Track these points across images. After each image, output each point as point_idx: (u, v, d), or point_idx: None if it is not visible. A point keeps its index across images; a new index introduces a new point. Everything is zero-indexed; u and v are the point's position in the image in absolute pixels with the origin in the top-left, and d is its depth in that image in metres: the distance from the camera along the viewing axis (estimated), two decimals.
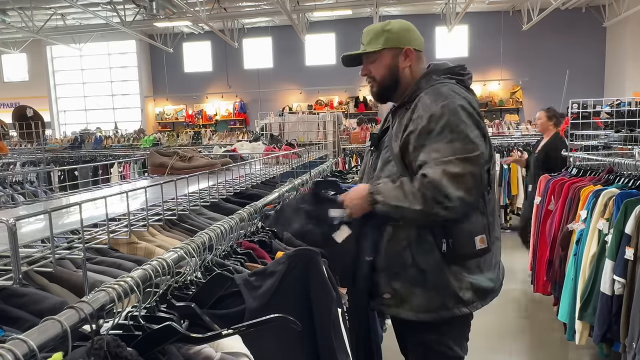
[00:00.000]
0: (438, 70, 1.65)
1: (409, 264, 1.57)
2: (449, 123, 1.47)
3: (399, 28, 1.65)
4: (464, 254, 1.55)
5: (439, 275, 1.55)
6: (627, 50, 12.71)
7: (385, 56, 1.65)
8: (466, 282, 1.56)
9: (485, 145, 1.52)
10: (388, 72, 1.66)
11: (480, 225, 1.56)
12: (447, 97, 1.51)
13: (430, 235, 1.54)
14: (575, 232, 2.90)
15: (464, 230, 1.54)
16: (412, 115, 1.55)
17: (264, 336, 0.95)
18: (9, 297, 0.89)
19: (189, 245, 1.00)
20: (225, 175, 1.82)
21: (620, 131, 4.75)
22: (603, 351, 2.65)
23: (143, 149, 8.45)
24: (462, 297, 1.56)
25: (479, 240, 1.55)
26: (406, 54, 1.64)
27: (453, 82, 1.61)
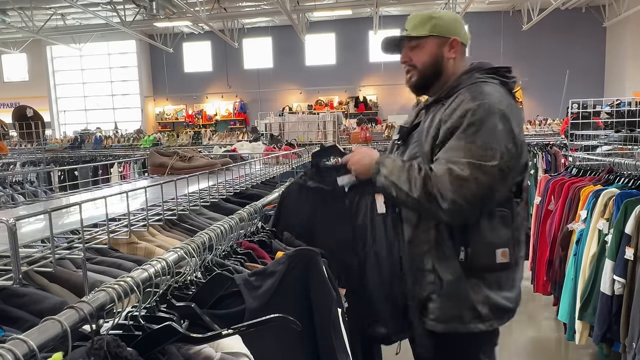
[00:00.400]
0: (482, 69, 1.55)
1: (428, 269, 1.48)
2: (477, 123, 1.37)
3: (448, 17, 1.58)
4: (482, 265, 1.44)
5: (457, 284, 1.45)
6: (627, 50, 12.71)
7: (430, 43, 1.55)
8: (483, 295, 1.46)
9: (512, 156, 1.39)
10: (432, 61, 1.56)
11: (504, 237, 1.45)
12: (486, 97, 1.41)
13: (449, 240, 1.46)
14: (575, 232, 2.90)
15: (484, 240, 1.43)
16: (446, 111, 1.45)
17: (264, 336, 0.95)
18: (9, 297, 0.89)
19: (189, 245, 1.00)
20: (225, 175, 1.82)
21: (620, 131, 4.75)
22: (603, 351, 2.65)
23: (143, 149, 8.45)
24: (480, 311, 1.46)
25: (500, 254, 1.44)
26: (452, 44, 1.55)
27: (496, 82, 1.51)
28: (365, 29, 14.36)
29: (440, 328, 1.49)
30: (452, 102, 1.46)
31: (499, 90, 1.47)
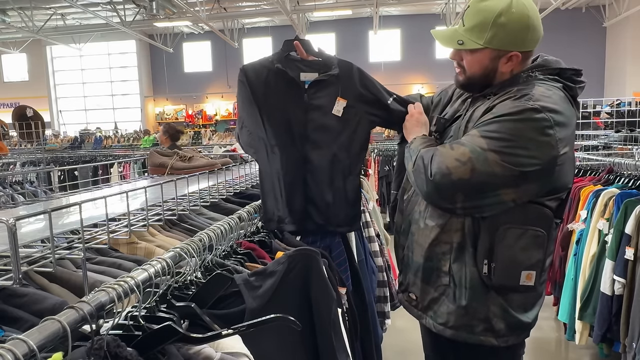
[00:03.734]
0: (546, 68, 1.37)
1: (444, 271, 1.40)
2: (505, 121, 1.24)
3: (516, 24, 1.30)
4: (505, 284, 1.34)
5: (475, 293, 1.36)
6: (627, 50, 12.72)
7: (485, 55, 1.35)
8: (505, 312, 1.36)
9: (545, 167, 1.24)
10: (482, 72, 1.39)
11: (534, 260, 1.32)
12: (535, 99, 1.25)
13: (471, 248, 1.35)
14: (575, 232, 2.90)
15: (509, 259, 1.31)
16: (486, 108, 1.33)
17: (264, 336, 0.95)
18: (9, 297, 0.89)
19: (189, 245, 1.00)
20: (225, 175, 1.82)
21: (620, 131, 4.75)
22: (603, 351, 2.65)
23: (143, 149, 8.46)
24: (493, 325, 1.36)
25: (525, 276, 1.33)
26: (510, 58, 1.34)
27: (559, 86, 1.33)
28: (365, 29, 14.37)
29: (448, 333, 1.42)
30: (497, 99, 1.33)
31: (558, 94, 1.30)
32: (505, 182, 1.24)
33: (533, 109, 1.22)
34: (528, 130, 1.22)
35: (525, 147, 1.22)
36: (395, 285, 2.14)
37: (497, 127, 1.24)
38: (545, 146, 1.22)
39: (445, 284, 1.40)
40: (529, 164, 1.22)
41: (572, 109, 1.32)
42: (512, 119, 1.23)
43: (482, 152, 1.23)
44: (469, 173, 1.24)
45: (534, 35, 1.34)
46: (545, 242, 1.33)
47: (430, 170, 1.30)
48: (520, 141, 1.22)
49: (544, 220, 1.32)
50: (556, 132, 1.23)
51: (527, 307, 1.39)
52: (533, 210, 1.30)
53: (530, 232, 1.31)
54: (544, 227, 1.32)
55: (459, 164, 1.25)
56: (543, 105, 1.23)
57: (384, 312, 2.27)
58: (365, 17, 13.97)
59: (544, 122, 1.22)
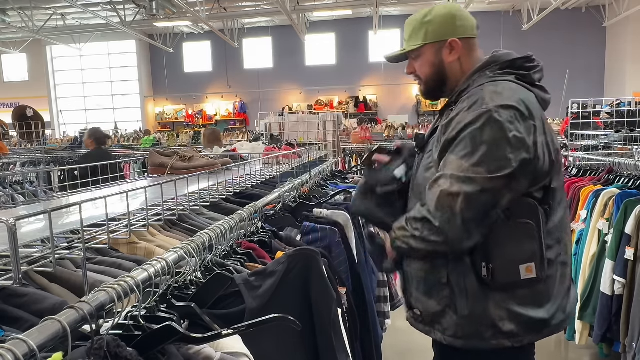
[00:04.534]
0: (495, 64, 1.40)
1: (443, 283, 1.39)
2: (471, 134, 1.26)
3: (441, 17, 1.43)
4: (506, 282, 1.33)
5: (475, 301, 1.35)
6: (627, 50, 12.71)
7: (427, 52, 1.44)
8: (511, 312, 1.34)
9: (515, 165, 1.24)
10: (433, 70, 1.45)
11: (528, 251, 1.32)
12: (486, 103, 1.27)
13: (468, 258, 1.35)
14: (575, 232, 2.90)
15: (504, 256, 1.31)
16: (449, 120, 1.35)
17: (264, 336, 0.95)
18: (9, 297, 0.89)
19: (189, 245, 1.00)
20: (225, 175, 1.82)
21: (620, 131, 4.75)
22: (603, 351, 2.65)
23: (143, 149, 8.46)
24: (501, 327, 1.34)
25: (525, 269, 1.32)
26: (451, 46, 1.42)
27: (512, 78, 1.36)
28: (365, 29, 14.37)
29: (459, 344, 1.41)
30: (455, 109, 1.36)
31: (510, 87, 1.32)
32: (496, 192, 1.25)
33: (487, 112, 1.25)
34: (491, 133, 1.24)
35: (500, 149, 1.23)
36: (395, 285, 2.14)
37: (466, 143, 1.26)
38: (515, 142, 1.24)
39: (446, 296, 1.39)
40: (509, 164, 1.23)
41: (528, 94, 1.33)
42: (473, 130, 1.25)
43: (465, 174, 1.24)
44: (465, 203, 1.24)
45: (463, 22, 1.44)
46: (536, 232, 1.32)
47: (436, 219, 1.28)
48: (491, 145, 1.23)
49: (529, 210, 1.32)
50: (518, 126, 1.24)
51: (539, 302, 1.36)
52: (517, 204, 1.30)
53: (519, 225, 1.31)
54: (530, 217, 1.31)
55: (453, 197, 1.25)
56: (495, 105, 1.25)
57: (384, 312, 2.27)
58: (365, 17, 13.97)
59: (501, 120, 1.24)
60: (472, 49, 1.45)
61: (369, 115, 12.93)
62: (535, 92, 1.37)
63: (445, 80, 1.46)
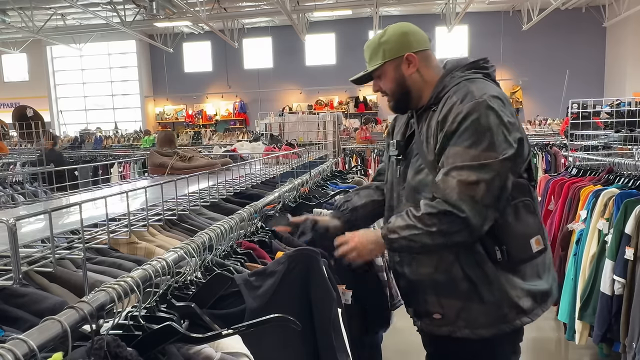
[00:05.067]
0: (461, 66, 1.53)
1: (459, 278, 1.46)
2: (473, 124, 1.35)
3: (395, 35, 1.54)
4: (522, 259, 1.44)
5: (495, 286, 1.44)
6: (627, 50, 12.71)
7: (388, 69, 1.55)
8: (524, 289, 1.46)
9: (515, 146, 1.37)
10: (396, 84, 1.56)
11: (534, 225, 1.46)
12: (476, 95, 1.39)
13: (480, 246, 1.43)
14: (575, 232, 2.90)
15: (518, 234, 1.43)
16: (440, 117, 1.43)
17: (264, 336, 0.95)
18: (9, 297, 0.89)
19: (189, 245, 1.00)
20: (225, 175, 1.82)
21: (620, 131, 4.75)
22: (603, 351, 2.65)
23: (143, 149, 8.46)
24: (522, 306, 1.45)
25: (534, 242, 1.44)
26: (408, 60, 1.53)
27: (480, 76, 1.50)
28: (365, 29, 14.36)
29: (488, 333, 1.48)
30: (442, 107, 1.45)
31: (485, 83, 1.47)
32: (507, 173, 1.36)
33: (482, 102, 1.37)
34: (492, 119, 1.35)
35: (501, 133, 1.35)
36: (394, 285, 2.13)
37: (470, 132, 1.36)
38: (510, 126, 1.38)
39: (466, 289, 1.46)
40: (511, 145, 1.36)
41: (499, 89, 1.49)
42: (473, 119, 1.36)
43: (478, 161, 1.33)
44: (487, 189, 1.33)
45: (416, 37, 1.56)
46: (533, 207, 1.47)
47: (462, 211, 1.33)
48: (494, 131, 1.35)
49: (524, 189, 1.46)
50: (506, 111, 1.39)
51: (539, 275, 1.49)
52: (514, 185, 1.41)
53: (520, 204, 1.44)
54: (527, 194, 1.46)
55: (473, 185, 1.33)
56: (486, 96, 1.38)
57: None
58: (365, 17, 13.96)
59: (495, 108, 1.37)
60: (429, 59, 1.57)
61: (369, 115, 12.93)
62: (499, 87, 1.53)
63: (409, 92, 1.56)
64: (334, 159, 4.10)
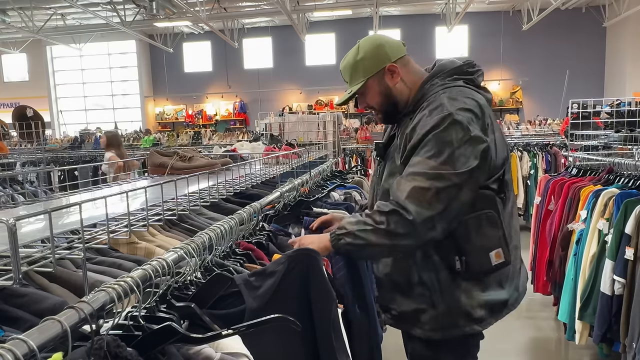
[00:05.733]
0: (443, 72, 1.51)
1: (415, 282, 1.50)
2: (435, 137, 1.36)
3: (370, 50, 1.53)
4: (480, 270, 1.45)
5: (448, 294, 1.47)
6: (627, 50, 12.71)
7: (372, 85, 1.55)
8: (480, 299, 1.47)
9: (477, 161, 1.35)
10: (382, 97, 1.56)
11: (495, 238, 1.44)
12: (446, 108, 1.38)
13: (436, 255, 1.45)
14: (575, 232, 2.90)
15: (477, 246, 1.43)
16: (409, 128, 1.45)
17: (264, 336, 0.95)
18: (9, 297, 0.89)
19: (189, 245, 1.00)
20: (225, 175, 1.82)
21: (620, 131, 4.75)
22: (603, 351, 2.65)
23: (143, 149, 8.46)
24: (473, 315, 1.47)
25: (494, 255, 1.43)
26: (390, 71, 1.53)
27: (460, 82, 1.49)
28: (365, 29, 14.36)
29: (438, 336, 1.52)
30: (414, 117, 1.46)
31: (463, 91, 1.45)
32: (462, 186, 1.35)
33: (449, 115, 1.36)
34: (454, 133, 1.34)
35: (463, 148, 1.34)
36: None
37: (432, 144, 1.36)
38: (475, 140, 1.35)
39: (420, 293, 1.49)
40: (471, 160, 1.34)
41: (479, 96, 1.46)
42: (438, 132, 1.35)
43: (435, 171, 1.34)
44: (436, 196, 1.33)
45: (390, 45, 1.54)
46: (498, 220, 1.44)
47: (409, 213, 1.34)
48: (455, 145, 1.34)
49: (488, 201, 1.43)
50: (475, 126, 1.37)
51: (500, 285, 1.49)
52: (477, 196, 1.40)
53: (483, 216, 1.42)
54: (491, 207, 1.43)
55: (424, 191, 1.34)
56: (455, 109, 1.37)
57: None
58: (365, 17, 13.96)
59: (462, 123, 1.35)
60: (408, 64, 1.56)
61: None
62: (482, 92, 1.50)
63: (396, 103, 1.56)
64: (334, 159, 4.10)
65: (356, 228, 1.39)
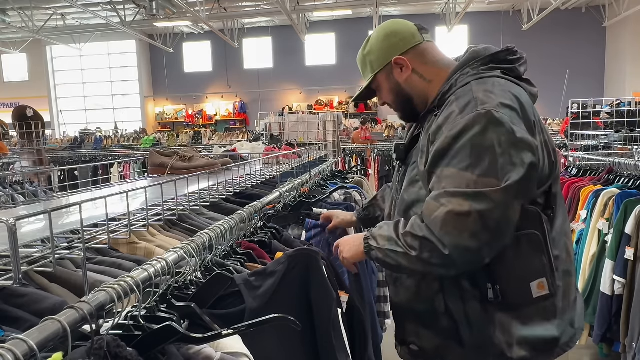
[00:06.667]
0: (477, 60, 1.27)
1: (441, 312, 1.25)
2: (471, 142, 1.11)
3: (377, 43, 1.37)
4: (518, 303, 1.19)
5: (479, 328, 1.21)
6: (627, 50, 12.72)
7: (381, 80, 1.38)
8: (519, 336, 1.20)
9: (524, 170, 1.10)
10: (394, 94, 1.38)
11: (538, 266, 1.17)
12: (480, 104, 1.13)
13: (466, 281, 1.21)
14: (576, 232, 2.90)
15: (513, 274, 1.17)
16: (434, 127, 1.22)
17: (264, 336, 0.95)
18: (9, 297, 0.89)
19: (189, 245, 1.00)
20: (225, 175, 1.81)
21: (620, 131, 4.75)
22: (603, 351, 2.65)
23: (143, 149, 8.46)
24: (510, 354, 1.19)
25: (536, 286, 1.17)
26: (398, 64, 1.34)
27: (497, 73, 1.24)
28: (365, 29, 14.36)
29: None
30: (440, 114, 1.22)
31: (500, 83, 1.20)
32: (511, 204, 1.11)
33: (485, 113, 1.11)
34: (493, 135, 1.10)
35: (507, 154, 1.09)
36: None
37: (467, 152, 1.11)
38: (522, 143, 1.11)
39: (446, 326, 1.25)
40: (518, 169, 1.10)
41: (519, 90, 1.21)
42: (471, 135, 1.11)
43: (473, 189, 1.09)
44: (480, 222, 1.09)
45: (399, 36, 1.35)
46: (543, 242, 1.18)
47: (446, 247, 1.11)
48: (498, 151, 1.09)
49: (532, 219, 1.17)
50: (520, 124, 1.13)
51: (547, 319, 1.22)
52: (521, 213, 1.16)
53: (523, 238, 1.17)
54: (535, 226, 1.17)
55: (464, 217, 1.09)
56: (492, 106, 1.12)
57: (384, 312, 2.27)
58: (365, 17, 13.97)
59: (503, 120, 1.11)
60: (424, 54, 1.34)
61: (369, 115, 12.94)
62: (523, 86, 1.27)
63: (410, 99, 1.37)
64: (334, 159, 4.10)
65: (387, 246, 1.21)
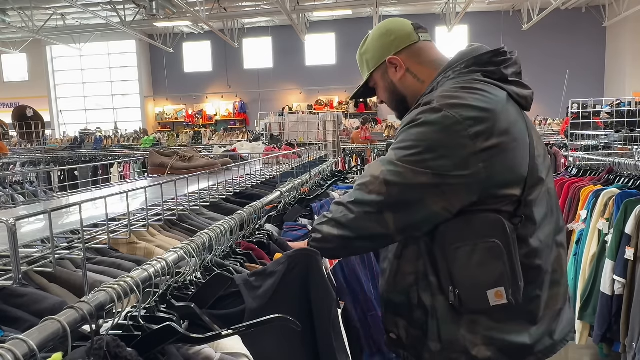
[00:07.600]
0: (460, 62, 1.26)
1: (414, 304, 1.25)
2: (409, 129, 1.13)
3: (372, 42, 1.39)
4: (475, 309, 1.17)
5: (446, 324, 1.20)
6: (627, 50, 12.73)
7: (377, 79, 1.41)
8: (487, 337, 1.17)
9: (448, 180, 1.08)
10: (389, 93, 1.41)
11: (495, 274, 1.11)
12: (436, 102, 1.13)
13: (433, 276, 1.20)
14: (575, 232, 2.90)
15: (468, 280, 1.14)
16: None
17: (264, 337, 0.95)
18: (8, 297, 0.89)
19: (189, 245, 1.00)
20: (225, 175, 1.81)
21: (620, 131, 4.75)
22: (603, 351, 2.65)
23: (143, 149, 8.46)
24: (475, 355, 1.17)
25: (493, 295, 1.13)
26: (392, 64, 1.35)
27: (477, 76, 1.21)
28: (365, 29, 14.27)
29: None
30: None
31: (469, 86, 1.15)
32: (427, 190, 1.10)
33: (432, 110, 1.11)
34: (431, 132, 1.09)
35: (432, 150, 1.08)
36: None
37: (403, 137, 1.14)
38: (455, 145, 1.08)
39: (418, 318, 1.25)
40: (440, 166, 1.08)
41: (497, 93, 1.16)
42: (414, 124, 1.12)
43: (391, 163, 1.12)
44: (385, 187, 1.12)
45: (394, 34, 1.35)
46: (504, 252, 1.11)
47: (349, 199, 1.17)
48: (426, 144, 1.09)
49: (493, 227, 1.12)
50: (467, 128, 1.07)
51: (522, 325, 1.18)
52: (478, 220, 1.12)
53: (481, 246, 1.12)
54: (496, 235, 1.11)
55: (373, 180, 1.14)
56: (444, 104, 1.11)
57: None
58: (365, 17, 13.97)
59: (446, 121, 1.08)
60: (419, 54, 1.35)
61: (369, 115, 12.94)
62: (509, 89, 1.21)
63: (404, 98, 1.37)
64: (334, 159, 4.10)
65: (316, 222, 1.24)
